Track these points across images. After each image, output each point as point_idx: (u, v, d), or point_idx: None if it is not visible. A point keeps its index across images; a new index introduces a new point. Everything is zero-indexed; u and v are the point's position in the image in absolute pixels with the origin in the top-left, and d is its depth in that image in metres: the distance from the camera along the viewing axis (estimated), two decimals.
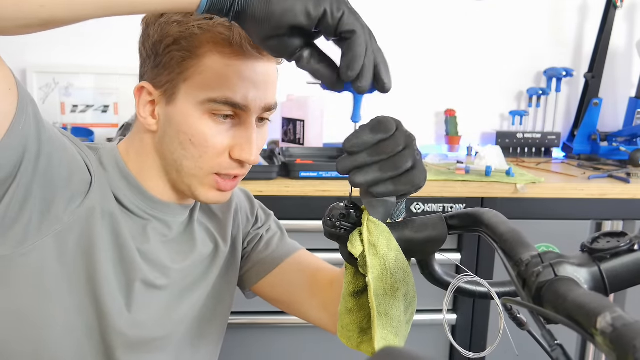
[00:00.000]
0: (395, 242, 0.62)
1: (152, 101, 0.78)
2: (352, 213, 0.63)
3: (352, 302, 0.68)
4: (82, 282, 0.75)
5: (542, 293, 0.43)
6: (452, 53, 2.20)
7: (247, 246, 0.97)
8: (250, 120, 0.76)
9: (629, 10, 2.26)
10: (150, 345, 0.82)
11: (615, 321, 0.35)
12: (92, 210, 0.74)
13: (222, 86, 0.73)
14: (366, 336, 0.69)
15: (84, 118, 1.97)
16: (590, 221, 1.72)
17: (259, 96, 0.75)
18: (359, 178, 0.58)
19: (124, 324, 0.78)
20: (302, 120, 1.93)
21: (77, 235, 0.73)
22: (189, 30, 0.72)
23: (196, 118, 0.74)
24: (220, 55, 0.72)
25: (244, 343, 1.66)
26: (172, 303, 0.85)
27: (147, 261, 0.80)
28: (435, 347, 1.73)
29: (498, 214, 0.58)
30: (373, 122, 0.59)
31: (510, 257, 0.50)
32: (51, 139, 0.68)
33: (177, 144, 0.76)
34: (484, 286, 0.65)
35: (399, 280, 0.62)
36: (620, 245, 0.46)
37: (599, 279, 0.45)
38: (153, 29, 0.75)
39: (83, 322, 0.76)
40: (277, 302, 0.97)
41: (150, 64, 0.76)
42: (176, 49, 0.73)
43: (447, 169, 1.82)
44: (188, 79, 0.74)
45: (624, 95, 2.29)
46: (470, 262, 1.68)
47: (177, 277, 0.85)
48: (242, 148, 0.76)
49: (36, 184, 0.67)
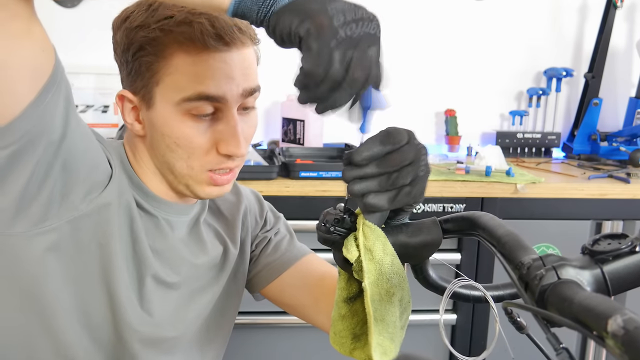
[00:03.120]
0: (390, 246, 0.61)
1: (134, 107, 0.78)
2: (346, 218, 0.62)
3: (346, 308, 0.67)
4: (96, 271, 0.74)
5: (545, 296, 0.43)
6: (452, 53, 2.20)
7: (255, 249, 0.96)
8: (232, 112, 0.75)
9: (629, 10, 2.26)
10: (162, 345, 0.82)
11: (627, 323, 0.35)
12: (109, 202, 0.74)
13: (193, 83, 0.72)
14: (359, 342, 0.68)
15: (84, 118, 1.95)
16: (590, 221, 1.72)
17: (234, 85, 0.74)
18: (356, 187, 0.57)
19: (136, 320, 0.78)
20: (302, 120, 1.93)
21: (93, 225, 0.73)
22: (152, 34, 0.72)
23: (176, 120, 0.73)
24: (185, 53, 0.72)
25: (245, 343, 1.66)
26: (183, 303, 0.84)
27: (159, 258, 0.80)
28: (435, 347, 1.73)
29: (494, 217, 0.58)
30: (383, 133, 0.58)
31: (510, 260, 0.50)
32: (79, 127, 0.68)
33: (164, 147, 0.76)
34: (480, 290, 0.64)
35: (394, 285, 0.61)
36: (621, 247, 0.46)
37: (601, 281, 0.45)
38: (119, 36, 0.75)
39: (95, 311, 0.76)
40: (284, 305, 0.96)
41: (125, 71, 0.77)
42: (143, 55, 0.73)
43: (447, 169, 1.82)
44: (160, 82, 0.73)
45: (624, 95, 2.29)
46: (471, 263, 1.68)
47: (187, 276, 0.84)
48: (227, 142, 0.75)
49: (58, 166, 0.66)
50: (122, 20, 0.75)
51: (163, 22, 0.72)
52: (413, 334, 0.69)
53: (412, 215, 0.64)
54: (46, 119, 0.62)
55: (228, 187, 0.80)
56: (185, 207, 0.84)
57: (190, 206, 0.85)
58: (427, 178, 0.60)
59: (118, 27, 0.76)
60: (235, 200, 0.95)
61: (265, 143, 2.11)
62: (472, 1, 2.19)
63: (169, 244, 0.82)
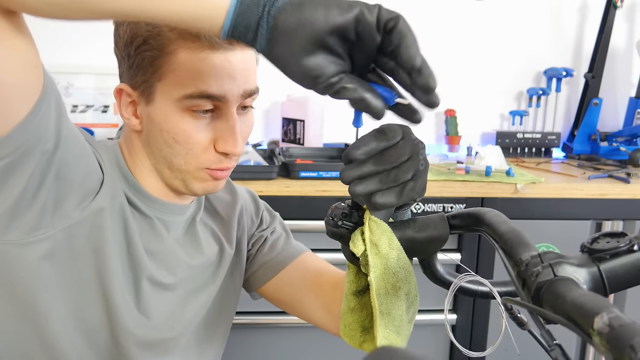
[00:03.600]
0: (396, 241, 0.62)
1: (132, 102, 0.77)
2: (354, 212, 0.63)
3: (355, 301, 0.69)
4: (91, 277, 0.75)
5: (541, 293, 0.43)
6: (452, 53, 2.20)
7: (252, 248, 0.96)
8: (231, 111, 0.75)
9: (629, 10, 2.26)
10: (160, 346, 0.82)
11: (612, 321, 0.35)
12: (102, 207, 0.74)
13: (196, 81, 0.72)
14: (369, 335, 0.70)
15: (84, 118, 1.97)
16: (590, 221, 1.72)
17: (236, 85, 0.74)
18: (359, 188, 0.57)
19: (133, 322, 0.78)
20: (302, 120, 1.93)
21: (87, 231, 0.73)
22: (157, 28, 0.72)
23: (176, 116, 0.73)
24: (189, 50, 0.72)
25: (244, 343, 1.66)
26: (180, 304, 0.84)
27: (154, 259, 0.80)
28: (435, 347, 1.73)
29: (499, 213, 0.58)
30: (377, 130, 0.58)
31: (511, 256, 0.50)
32: (70, 136, 0.68)
33: (162, 142, 0.76)
34: (486, 285, 0.65)
35: (400, 280, 0.62)
36: (619, 245, 0.46)
37: (598, 279, 0.45)
38: (122, 29, 0.75)
39: (91, 317, 0.76)
40: (281, 304, 0.96)
41: (126, 65, 0.76)
42: (147, 49, 0.73)
43: (447, 169, 1.82)
44: (162, 78, 0.73)
45: (624, 95, 2.29)
46: (470, 262, 1.68)
47: (183, 277, 0.84)
48: (225, 140, 0.75)
49: (51, 175, 0.67)
50: None
51: None
52: (413, 334, 0.69)
53: (414, 215, 0.65)
54: (40, 130, 0.63)
55: (223, 182, 0.80)
56: (181, 206, 0.84)
57: (186, 206, 0.85)
58: (427, 172, 0.60)
59: (121, 22, 0.75)
60: (231, 199, 0.95)
61: (265, 143, 2.11)
62: (472, 1, 2.19)
63: (164, 245, 0.82)
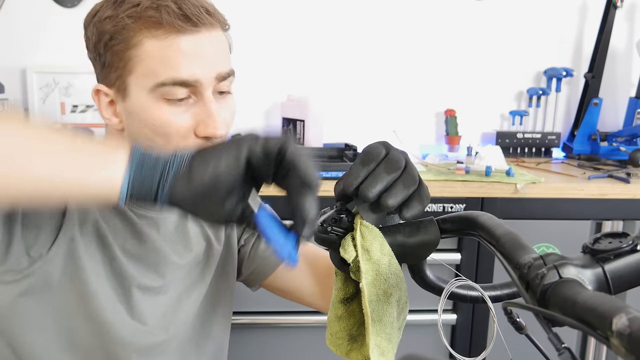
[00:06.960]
0: (388, 246, 0.60)
1: (111, 101, 0.78)
2: (343, 218, 0.61)
3: (342, 308, 0.66)
4: (74, 304, 0.76)
5: (547, 295, 0.42)
6: (452, 53, 2.20)
7: (245, 244, 0.97)
8: (207, 95, 0.75)
9: (629, 10, 2.26)
10: (155, 349, 0.83)
11: (632, 322, 0.35)
12: (71, 237, 0.75)
13: (165, 68, 0.72)
14: (356, 343, 0.67)
15: (84, 118, 1.97)
16: (590, 221, 1.72)
17: (207, 68, 0.74)
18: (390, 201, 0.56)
19: (128, 332, 0.78)
20: (302, 120, 1.93)
21: (61, 264, 0.74)
22: (121, 22, 0.72)
23: (152, 106, 0.73)
24: (155, 38, 0.72)
25: (244, 343, 1.66)
26: (171, 305, 0.85)
27: (140, 264, 0.80)
28: (434, 347, 1.73)
29: (492, 216, 0.58)
30: (361, 155, 0.58)
31: (510, 259, 0.49)
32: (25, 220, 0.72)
33: (143, 137, 0.76)
34: (478, 290, 0.64)
35: (392, 286, 0.60)
36: (622, 245, 0.46)
37: (602, 280, 0.45)
38: (90, 31, 0.76)
39: (83, 340, 0.77)
40: (288, 294, 0.97)
41: (99, 65, 0.77)
42: (114, 44, 0.73)
43: (447, 169, 1.82)
44: (133, 71, 0.73)
45: (624, 95, 2.28)
46: (471, 263, 1.67)
47: (173, 277, 0.84)
48: (206, 124, 0.74)
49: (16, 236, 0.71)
50: (92, 16, 0.76)
51: (131, 10, 0.72)
52: (413, 334, 0.69)
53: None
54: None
55: None
56: None
57: None
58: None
59: (88, 23, 0.76)
60: None
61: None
62: (472, 1, 2.19)
63: (151, 247, 0.82)
